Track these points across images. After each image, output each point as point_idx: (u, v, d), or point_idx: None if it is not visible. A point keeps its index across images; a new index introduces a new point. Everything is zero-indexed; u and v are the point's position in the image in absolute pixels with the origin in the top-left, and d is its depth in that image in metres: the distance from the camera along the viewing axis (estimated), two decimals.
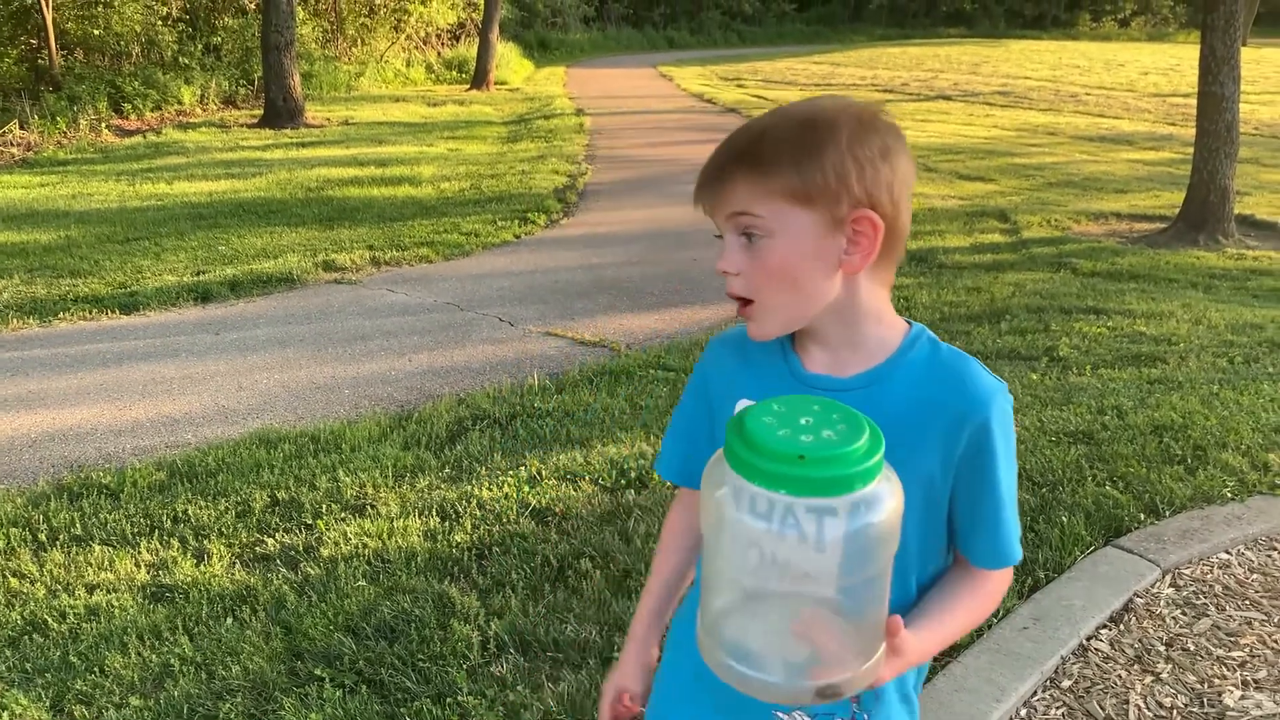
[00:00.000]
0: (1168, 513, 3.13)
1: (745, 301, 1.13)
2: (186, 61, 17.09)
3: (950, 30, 44.28)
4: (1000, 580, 1.18)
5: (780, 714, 1.17)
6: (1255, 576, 2.85)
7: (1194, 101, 8.34)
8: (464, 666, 2.42)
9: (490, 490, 3.40)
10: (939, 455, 1.11)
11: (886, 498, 0.89)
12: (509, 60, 24.34)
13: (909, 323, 1.17)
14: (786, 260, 1.08)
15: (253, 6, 18.15)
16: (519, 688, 2.33)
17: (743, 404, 1.14)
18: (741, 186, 1.08)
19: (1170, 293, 6.39)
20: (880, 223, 1.07)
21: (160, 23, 16.97)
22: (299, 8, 17.43)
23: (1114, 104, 18.69)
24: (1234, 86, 7.92)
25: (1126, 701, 2.33)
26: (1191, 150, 8.45)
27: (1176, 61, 26.53)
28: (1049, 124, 16.08)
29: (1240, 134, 8.29)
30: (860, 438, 0.89)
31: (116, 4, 16.02)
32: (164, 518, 3.33)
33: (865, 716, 1.16)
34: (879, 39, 39.89)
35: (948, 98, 19.65)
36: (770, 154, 1.07)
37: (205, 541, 3.15)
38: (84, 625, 2.71)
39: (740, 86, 21.98)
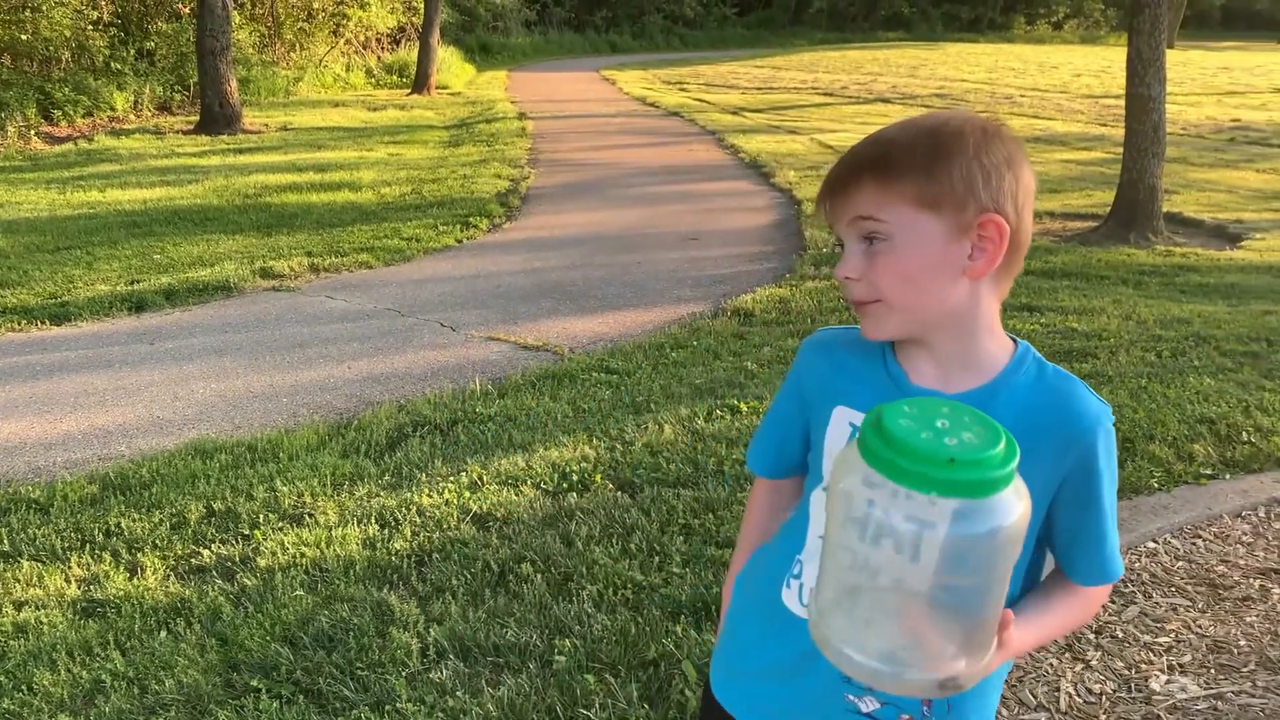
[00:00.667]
0: None
1: (867, 302, 1.14)
2: (119, 67, 16.75)
3: (889, 34, 44.83)
4: (1100, 594, 1.21)
5: (850, 695, 1.20)
6: (1180, 564, 2.93)
7: (1125, 103, 8.55)
8: (403, 674, 2.41)
9: (430, 497, 3.38)
10: (1044, 476, 1.11)
11: (1020, 501, 0.92)
12: (450, 64, 24.20)
13: (1014, 340, 1.18)
14: (910, 265, 1.10)
15: (187, 11, 17.83)
16: (459, 693, 2.32)
17: (840, 411, 1.20)
18: (868, 192, 1.10)
19: (1102, 289, 6.54)
20: (1006, 228, 1.09)
21: (91, 28, 16.60)
22: (235, 12, 17.17)
23: (1048, 105, 19.07)
24: (1160, 88, 8.13)
25: (1058, 689, 2.39)
26: (1122, 150, 8.66)
27: (1108, 64, 27.16)
28: None
29: (1168, 134, 8.51)
30: (1000, 441, 0.91)
31: (45, 8, 15.65)
32: (96, 531, 3.26)
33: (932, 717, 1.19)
34: (819, 43, 40.29)
35: (887, 100, 19.90)
36: (898, 160, 1.09)
37: (139, 554, 3.10)
38: (11, 643, 2.64)
39: (683, 90, 22.07)
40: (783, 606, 1.26)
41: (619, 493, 3.39)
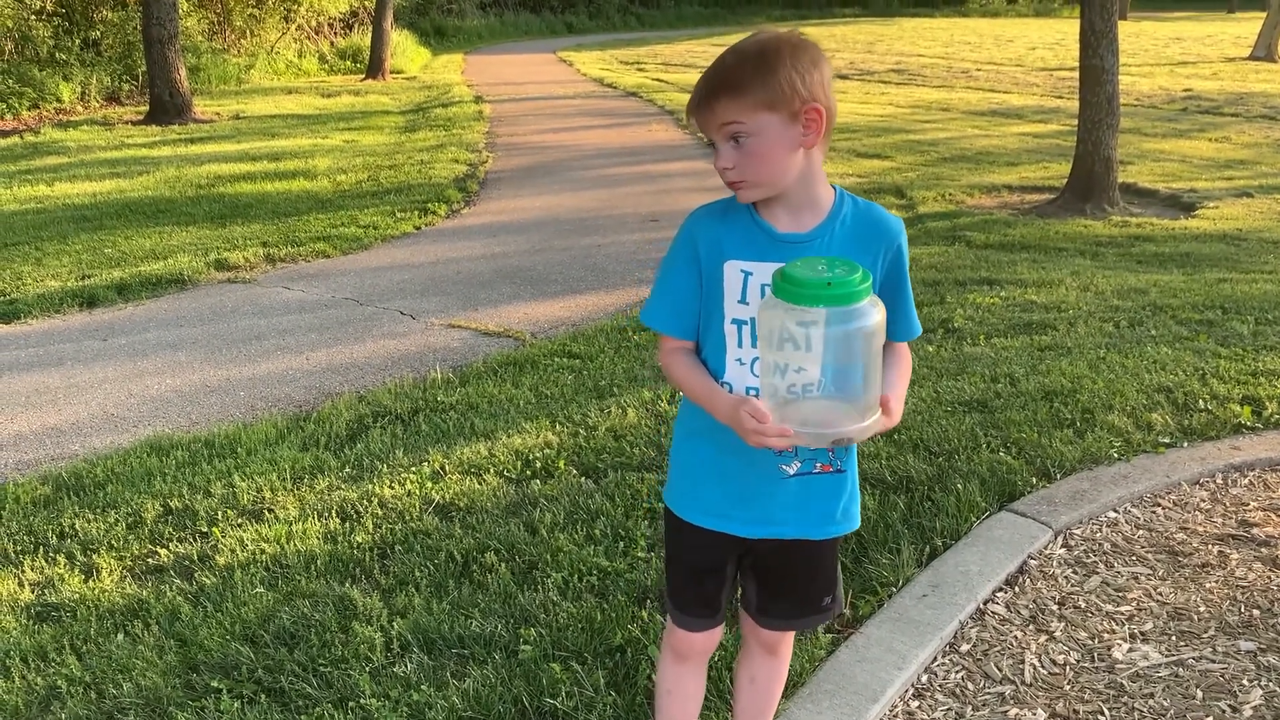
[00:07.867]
0: (1058, 475, 3.23)
1: (739, 182, 1.55)
2: (64, 57, 16.39)
3: (845, 10, 44.86)
4: (908, 349, 1.70)
5: (783, 465, 1.63)
6: (1141, 533, 2.96)
7: (1079, 75, 8.59)
8: (367, 669, 2.38)
9: (392, 488, 3.34)
10: (877, 267, 1.60)
11: (877, 310, 1.40)
12: (405, 48, 23.91)
13: (833, 187, 1.62)
14: (766, 150, 1.52)
15: None
16: (423, 687, 2.29)
17: (731, 264, 1.59)
18: (725, 105, 1.51)
19: (1059, 261, 6.59)
20: (824, 111, 1.53)
21: (33, 17, 16.23)
22: None
23: (1004, 79, 19.17)
24: (1113, 59, 8.18)
25: (1022, 661, 2.40)
26: (1077, 123, 8.72)
27: (1062, 36, 27.30)
28: (942, 100, 16.42)
29: (1122, 105, 8.57)
30: (858, 271, 1.40)
31: None
32: (49, 533, 3.20)
33: (839, 462, 1.67)
34: (776, 20, 40.18)
35: (844, 77, 19.91)
36: (741, 79, 1.50)
37: (94, 556, 3.04)
38: None
39: (640, 70, 21.96)
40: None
41: (583, 478, 3.37)
